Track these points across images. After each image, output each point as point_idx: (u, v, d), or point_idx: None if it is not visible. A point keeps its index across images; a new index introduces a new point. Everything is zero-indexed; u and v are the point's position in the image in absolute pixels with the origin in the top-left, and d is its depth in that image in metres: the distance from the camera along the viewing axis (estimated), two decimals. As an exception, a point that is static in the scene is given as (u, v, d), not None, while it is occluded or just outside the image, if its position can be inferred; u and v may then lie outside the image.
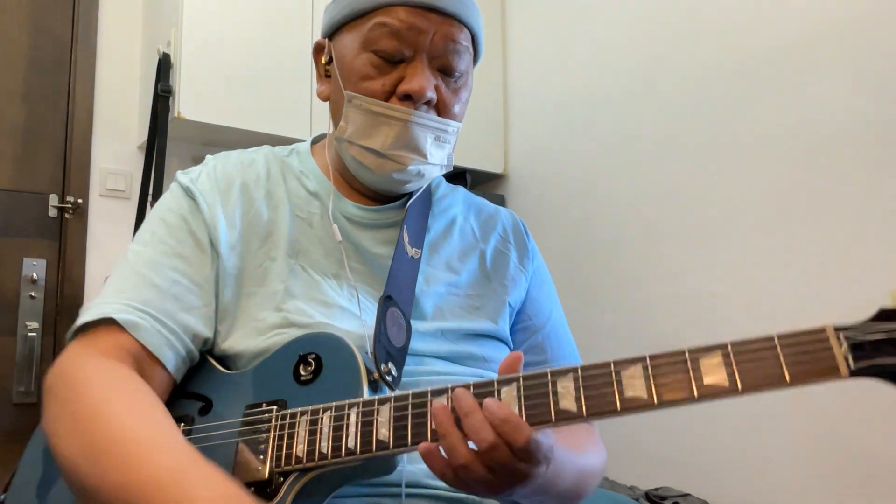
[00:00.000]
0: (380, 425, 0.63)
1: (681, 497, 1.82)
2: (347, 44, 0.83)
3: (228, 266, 0.79)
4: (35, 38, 2.19)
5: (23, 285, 2.09)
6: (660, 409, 0.55)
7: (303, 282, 0.79)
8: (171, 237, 0.79)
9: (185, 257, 0.77)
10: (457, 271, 0.88)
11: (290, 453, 0.66)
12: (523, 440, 0.57)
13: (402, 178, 0.84)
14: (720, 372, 0.54)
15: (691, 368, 0.55)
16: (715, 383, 0.54)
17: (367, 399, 0.65)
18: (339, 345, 0.71)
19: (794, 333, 0.53)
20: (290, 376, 0.71)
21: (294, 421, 0.67)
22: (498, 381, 0.61)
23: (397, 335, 0.77)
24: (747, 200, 1.84)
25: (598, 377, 0.58)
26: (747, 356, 0.54)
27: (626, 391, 0.56)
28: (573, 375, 0.59)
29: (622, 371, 0.57)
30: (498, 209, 1.00)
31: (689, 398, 0.54)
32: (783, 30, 1.80)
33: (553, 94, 2.53)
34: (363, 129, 0.81)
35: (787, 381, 0.52)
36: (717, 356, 0.55)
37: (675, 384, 0.55)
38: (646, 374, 0.56)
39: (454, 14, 0.81)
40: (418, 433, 0.62)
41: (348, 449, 0.63)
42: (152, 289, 0.74)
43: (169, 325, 0.73)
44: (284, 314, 0.76)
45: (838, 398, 1.62)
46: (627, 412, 0.56)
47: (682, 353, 0.56)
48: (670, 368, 0.56)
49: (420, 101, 0.80)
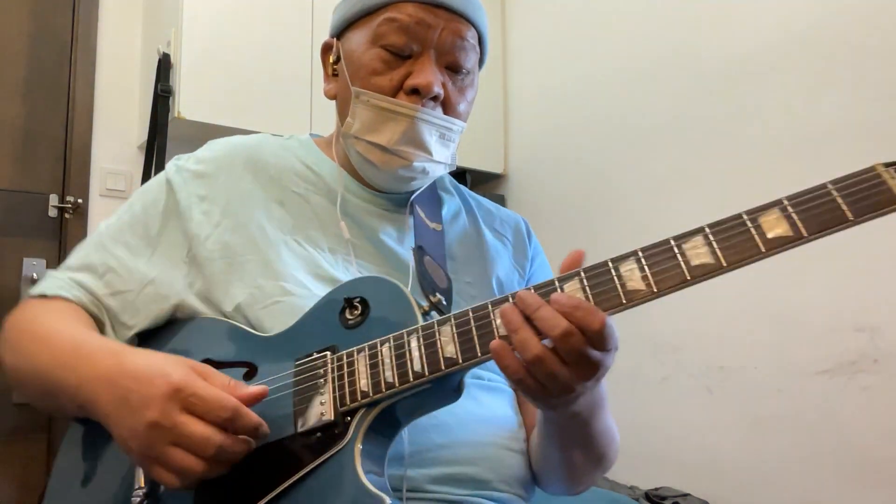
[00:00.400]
0: (444, 344, 0.62)
1: (681, 497, 1.82)
2: (356, 40, 0.84)
3: (212, 244, 0.80)
4: (35, 38, 2.19)
5: (23, 285, 2.09)
6: (730, 270, 0.56)
7: (298, 255, 0.80)
8: (127, 225, 0.85)
9: (130, 246, 0.83)
10: (456, 258, 0.89)
11: (353, 390, 0.64)
12: (598, 324, 0.56)
13: (408, 175, 0.85)
14: (782, 224, 0.55)
15: (752, 227, 0.56)
16: (780, 234, 0.55)
17: (426, 324, 0.64)
18: (384, 284, 0.70)
19: (844, 177, 0.54)
20: (337, 322, 0.69)
21: (352, 360, 0.66)
22: (559, 279, 0.61)
23: (440, 278, 0.77)
24: (748, 199, 1.84)
25: (659, 254, 0.58)
26: (804, 205, 0.55)
27: (693, 260, 0.57)
28: (634, 258, 0.59)
29: (683, 244, 0.58)
30: (499, 208, 1.01)
31: (758, 254, 0.55)
32: (784, 26, 1.80)
33: (553, 95, 2.53)
34: (370, 125, 0.82)
35: (851, 217, 0.53)
36: (774, 212, 0.56)
37: (741, 245, 0.56)
38: (707, 241, 0.57)
39: (462, 12, 0.82)
40: (486, 343, 0.60)
41: (416, 372, 0.62)
42: (89, 272, 0.82)
43: (97, 303, 0.81)
44: (281, 283, 0.76)
45: (838, 398, 1.62)
46: (698, 280, 0.56)
47: (739, 216, 0.57)
48: (732, 232, 0.56)
49: (427, 95, 0.80)
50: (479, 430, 0.76)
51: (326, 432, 0.64)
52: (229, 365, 0.73)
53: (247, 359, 0.72)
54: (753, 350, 1.78)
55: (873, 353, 1.57)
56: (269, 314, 0.75)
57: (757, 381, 1.78)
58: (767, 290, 1.75)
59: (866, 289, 1.58)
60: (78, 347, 0.70)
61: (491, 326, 0.61)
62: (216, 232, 0.81)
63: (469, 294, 0.85)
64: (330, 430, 0.64)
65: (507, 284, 0.91)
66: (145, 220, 0.84)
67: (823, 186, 0.55)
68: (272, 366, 0.70)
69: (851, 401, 1.59)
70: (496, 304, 0.62)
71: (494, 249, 0.92)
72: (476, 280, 0.88)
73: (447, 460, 0.73)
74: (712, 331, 1.86)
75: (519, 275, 0.93)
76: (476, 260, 0.90)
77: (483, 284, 0.88)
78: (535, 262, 0.96)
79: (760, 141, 1.83)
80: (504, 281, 0.90)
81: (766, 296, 1.76)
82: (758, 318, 1.78)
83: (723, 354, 1.84)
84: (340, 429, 0.63)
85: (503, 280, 0.90)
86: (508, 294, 0.62)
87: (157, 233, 0.83)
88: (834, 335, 1.63)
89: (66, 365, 0.69)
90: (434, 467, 0.72)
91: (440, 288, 0.76)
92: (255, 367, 0.72)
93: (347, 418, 0.64)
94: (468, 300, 0.85)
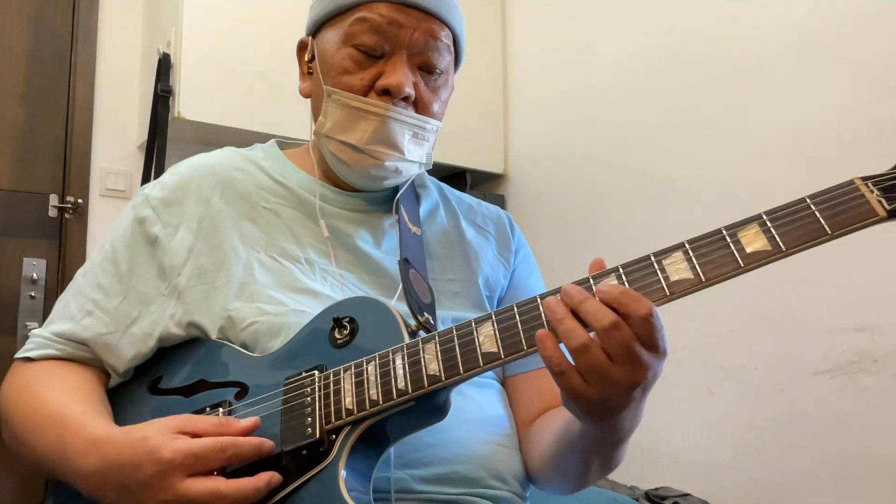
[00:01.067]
0: (427, 361, 0.62)
1: (681, 497, 1.82)
2: (329, 39, 0.84)
3: (189, 270, 0.79)
4: (35, 38, 2.19)
5: (23, 285, 2.09)
6: (709, 285, 0.57)
7: (272, 270, 0.79)
8: (99, 267, 0.84)
9: (103, 287, 0.82)
10: (436, 256, 0.88)
11: (339, 408, 0.64)
12: (645, 311, 0.55)
13: (380, 175, 0.85)
14: (760, 239, 0.55)
15: (731, 242, 0.56)
16: (759, 249, 0.55)
17: (410, 342, 0.65)
18: (372, 304, 0.71)
19: (823, 191, 0.54)
20: (326, 342, 0.70)
21: (338, 378, 0.66)
22: (593, 277, 0.60)
23: (423, 293, 0.77)
24: (749, 200, 1.84)
25: (639, 269, 0.59)
26: (783, 219, 0.55)
27: (672, 276, 0.57)
28: (615, 273, 0.59)
29: (663, 259, 0.59)
30: (481, 203, 1.00)
31: (737, 269, 0.55)
32: (784, 28, 1.80)
33: (553, 95, 2.52)
34: (341, 124, 0.82)
35: (829, 231, 0.53)
36: (753, 227, 0.56)
37: (720, 260, 0.56)
38: (687, 256, 0.58)
39: (435, 12, 0.81)
40: (469, 359, 0.61)
41: (399, 390, 0.62)
42: (69, 321, 0.81)
43: (83, 348, 0.80)
44: (257, 304, 0.76)
45: (838, 398, 1.62)
46: (677, 296, 0.57)
47: (719, 231, 0.57)
48: (711, 247, 0.57)
49: (398, 96, 0.80)
50: (470, 428, 0.76)
51: (311, 450, 0.64)
52: (222, 385, 0.74)
53: (238, 379, 0.73)
54: (753, 350, 1.78)
55: (873, 353, 1.57)
56: (250, 336, 0.75)
57: (757, 381, 1.78)
58: (767, 290, 1.75)
59: (866, 289, 1.58)
60: (62, 439, 0.68)
61: (475, 344, 0.61)
62: (191, 258, 0.80)
63: (451, 291, 0.86)
64: (315, 448, 0.64)
65: (492, 278, 0.90)
66: (115, 258, 0.83)
67: (802, 201, 0.55)
68: (262, 385, 0.71)
69: (851, 401, 1.59)
70: (479, 322, 0.63)
71: (476, 244, 0.92)
72: (458, 276, 0.88)
73: (437, 460, 0.72)
74: (712, 331, 1.86)
75: (504, 267, 0.93)
76: (457, 256, 0.90)
77: (467, 280, 0.88)
78: (520, 254, 0.96)
79: (762, 140, 1.83)
80: (489, 275, 0.90)
81: (766, 296, 1.75)
82: (758, 318, 1.78)
83: (723, 354, 1.84)
84: (325, 447, 0.64)
85: (488, 274, 0.90)
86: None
87: (127, 270, 0.82)
88: (834, 335, 1.63)
89: (57, 460, 0.69)
90: (424, 468, 0.72)
91: (425, 304, 0.75)
92: (247, 387, 0.72)
93: (332, 436, 0.64)
94: (450, 297, 0.85)
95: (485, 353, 0.61)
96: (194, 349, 0.79)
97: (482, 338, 0.61)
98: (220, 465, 0.61)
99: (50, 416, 0.71)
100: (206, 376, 0.75)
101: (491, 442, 0.78)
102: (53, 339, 0.80)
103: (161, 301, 0.80)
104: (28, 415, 0.74)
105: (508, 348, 0.60)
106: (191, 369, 0.77)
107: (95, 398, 0.76)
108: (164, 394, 0.78)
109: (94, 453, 0.64)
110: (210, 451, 0.60)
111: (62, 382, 0.77)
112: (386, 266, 0.84)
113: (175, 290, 0.79)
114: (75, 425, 0.68)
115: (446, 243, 0.91)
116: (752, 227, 0.56)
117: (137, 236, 0.83)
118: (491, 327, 0.62)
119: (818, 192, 0.54)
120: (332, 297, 0.78)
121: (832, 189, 0.54)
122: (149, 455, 0.60)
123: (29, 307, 2.09)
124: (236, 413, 0.70)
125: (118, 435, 0.65)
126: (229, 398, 0.72)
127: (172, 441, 0.61)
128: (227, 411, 0.71)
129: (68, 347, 0.80)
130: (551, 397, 0.85)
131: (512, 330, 0.61)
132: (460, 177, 2.53)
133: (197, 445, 0.60)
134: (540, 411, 0.85)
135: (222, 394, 0.73)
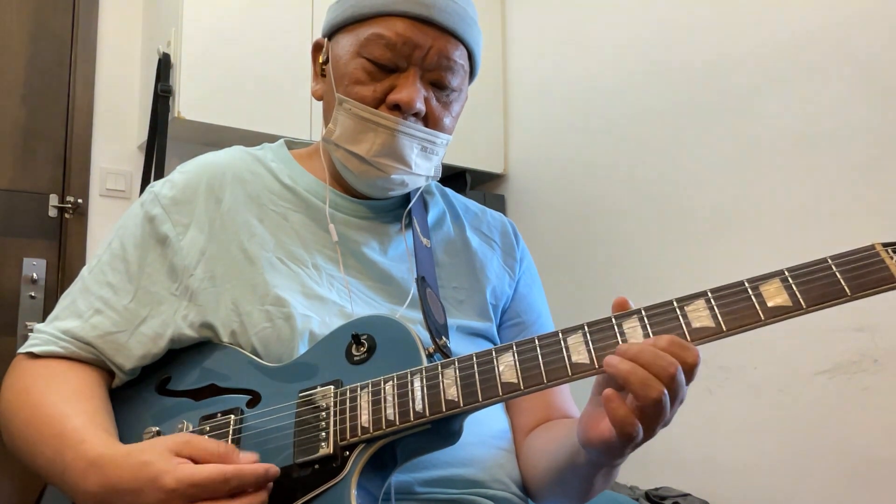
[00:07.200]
0: (446, 386, 0.63)
1: (681, 497, 1.82)
2: (344, 46, 0.83)
3: (201, 272, 0.79)
4: (35, 38, 2.19)
5: (23, 285, 2.09)
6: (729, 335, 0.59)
7: (283, 274, 0.79)
8: (109, 266, 0.82)
9: (113, 286, 0.81)
10: (443, 264, 0.88)
11: (354, 425, 0.64)
12: (692, 359, 0.57)
13: (385, 186, 0.85)
14: (782, 294, 0.57)
15: (752, 295, 0.58)
16: (780, 304, 0.57)
17: (429, 366, 0.65)
18: (391, 324, 0.71)
19: (844, 254, 0.57)
20: (343, 358, 0.70)
21: (355, 395, 0.66)
22: (615, 317, 0.62)
23: (438, 313, 0.77)
24: (748, 199, 1.84)
25: (663, 314, 0.60)
26: (804, 277, 0.57)
27: (693, 322, 0.59)
28: (637, 316, 0.61)
29: (685, 306, 0.60)
30: (485, 210, 1.00)
31: (757, 321, 0.57)
32: (784, 25, 1.80)
33: (554, 94, 2.52)
34: (350, 134, 0.81)
35: (849, 293, 0.56)
36: (775, 282, 0.58)
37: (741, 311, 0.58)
38: (709, 305, 0.59)
39: (452, 30, 0.81)
40: (488, 388, 0.62)
41: (417, 412, 0.62)
42: (76, 318, 0.79)
43: (88, 348, 0.79)
44: (268, 307, 0.76)
45: (838, 398, 1.62)
46: (697, 343, 0.58)
47: (741, 283, 0.59)
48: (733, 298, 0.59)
49: (408, 112, 0.80)
50: (472, 431, 0.76)
51: (324, 465, 0.64)
52: (233, 391, 0.73)
53: (251, 386, 0.73)
54: (753, 350, 1.78)
55: (873, 353, 1.57)
56: (260, 340, 0.75)
57: (757, 381, 1.78)
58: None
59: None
60: (61, 454, 0.67)
61: (494, 373, 0.62)
62: (203, 260, 0.80)
63: (457, 299, 0.86)
64: (328, 464, 0.64)
65: (498, 288, 0.90)
66: (125, 256, 0.82)
67: (824, 261, 0.57)
68: (276, 395, 0.71)
69: (851, 401, 1.59)
70: (499, 351, 0.63)
71: (482, 253, 0.92)
72: (463, 285, 0.88)
73: (439, 463, 0.73)
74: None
75: (509, 276, 0.93)
76: (463, 265, 0.90)
77: (473, 289, 0.88)
78: (524, 264, 0.97)
79: (763, 140, 1.83)
80: (496, 284, 0.90)
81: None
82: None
83: (723, 354, 1.84)
84: (338, 463, 0.64)
85: (495, 283, 0.90)
86: (510, 343, 0.63)
87: (137, 269, 0.81)
88: (834, 335, 1.63)
89: (56, 475, 0.68)
90: (426, 471, 0.72)
91: (440, 325, 0.76)
92: (259, 396, 0.72)
93: (346, 453, 0.64)
94: (456, 305, 0.85)
95: (504, 384, 0.61)
96: (205, 352, 0.78)
97: (502, 367, 0.62)
98: (223, 496, 0.59)
99: (49, 424, 0.70)
100: (217, 381, 0.75)
101: (493, 446, 0.78)
102: (59, 336, 0.79)
103: (171, 301, 0.79)
104: (27, 423, 0.73)
105: (529, 380, 0.61)
106: (201, 372, 0.77)
107: (97, 402, 0.75)
108: (172, 395, 0.78)
109: (94, 474, 0.63)
110: (213, 481, 0.59)
111: (63, 384, 0.76)
112: (392, 273, 0.84)
113: (187, 291, 0.79)
114: (74, 440, 0.67)
115: (452, 252, 0.91)
116: (773, 281, 0.58)
117: (147, 234, 0.83)
118: (511, 357, 0.62)
119: (839, 254, 0.57)
120: (338, 304, 0.78)
121: (853, 252, 0.57)
122: (151, 483, 0.59)
123: (29, 307, 2.09)
124: (248, 421, 0.70)
125: (118, 456, 0.63)
126: (241, 406, 0.72)
127: (175, 468, 0.59)
128: (238, 419, 0.70)
129: (73, 347, 0.78)
130: (551, 408, 0.86)
131: (532, 362, 0.62)
132: (460, 177, 2.53)
133: (200, 476, 0.59)
134: (539, 421, 0.85)
135: (233, 400, 0.72)
